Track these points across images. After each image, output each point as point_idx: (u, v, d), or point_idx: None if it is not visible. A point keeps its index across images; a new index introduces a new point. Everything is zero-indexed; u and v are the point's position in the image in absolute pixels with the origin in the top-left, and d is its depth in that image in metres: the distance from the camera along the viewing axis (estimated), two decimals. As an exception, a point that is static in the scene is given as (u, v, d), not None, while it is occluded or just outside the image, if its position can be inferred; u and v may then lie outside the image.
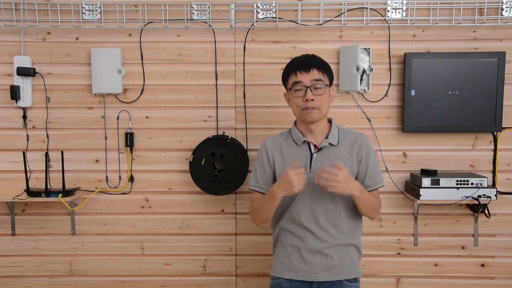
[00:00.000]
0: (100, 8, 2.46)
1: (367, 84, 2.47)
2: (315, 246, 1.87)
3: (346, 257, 1.90)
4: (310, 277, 1.88)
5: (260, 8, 2.47)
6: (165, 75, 2.53)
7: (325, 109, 1.87)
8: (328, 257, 1.87)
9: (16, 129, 2.55)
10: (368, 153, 1.90)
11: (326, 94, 1.86)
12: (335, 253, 1.88)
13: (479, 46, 2.49)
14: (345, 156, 1.88)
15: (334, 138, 1.89)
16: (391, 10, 2.46)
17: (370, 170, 1.90)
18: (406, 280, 2.60)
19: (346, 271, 1.89)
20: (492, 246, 2.58)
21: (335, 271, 1.88)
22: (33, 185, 2.56)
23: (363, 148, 1.89)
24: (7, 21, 2.49)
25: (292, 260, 1.90)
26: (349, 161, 1.87)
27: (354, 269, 1.92)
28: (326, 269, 1.87)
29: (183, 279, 2.62)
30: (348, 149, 1.89)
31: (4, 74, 2.52)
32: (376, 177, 1.91)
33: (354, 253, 1.93)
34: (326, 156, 1.87)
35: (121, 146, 2.56)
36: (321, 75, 1.86)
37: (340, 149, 1.89)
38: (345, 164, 1.81)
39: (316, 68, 1.85)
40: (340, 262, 1.88)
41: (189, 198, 2.58)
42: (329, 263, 1.87)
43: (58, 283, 2.63)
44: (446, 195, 2.36)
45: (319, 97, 1.84)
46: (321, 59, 1.91)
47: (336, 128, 1.93)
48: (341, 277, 1.89)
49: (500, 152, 2.53)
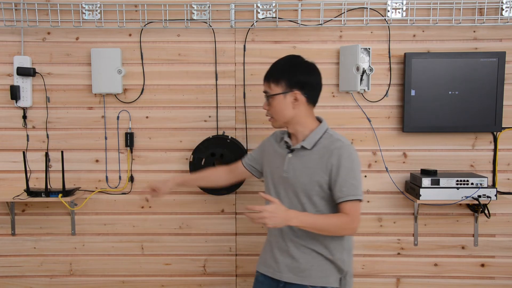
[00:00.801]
0: (100, 8, 2.46)
1: (367, 84, 2.47)
2: (282, 246, 1.89)
3: (317, 264, 1.87)
4: (277, 275, 1.91)
5: (260, 8, 2.47)
6: (165, 75, 2.53)
7: (279, 117, 1.88)
8: (294, 259, 1.87)
9: (16, 129, 2.55)
10: (340, 161, 1.79)
11: (275, 103, 1.86)
12: (301, 256, 1.87)
13: (479, 46, 2.49)
14: (315, 161, 1.84)
15: (310, 142, 1.86)
16: (391, 10, 2.46)
17: (340, 180, 1.79)
18: (406, 280, 2.60)
19: (313, 278, 1.86)
20: (492, 246, 2.58)
21: (301, 275, 1.86)
22: (33, 185, 2.56)
23: (333, 155, 1.80)
24: (7, 21, 2.49)
25: (266, 255, 1.97)
26: (318, 166, 1.83)
27: (324, 278, 1.87)
28: (291, 270, 1.88)
29: (183, 279, 2.62)
30: (320, 155, 1.84)
31: (4, 74, 2.52)
32: (347, 188, 1.78)
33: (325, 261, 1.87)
34: (299, 158, 1.87)
35: (121, 146, 2.56)
36: (267, 86, 1.88)
37: (312, 154, 1.85)
38: (314, 169, 1.83)
39: (265, 80, 1.90)
40: (306, 267, 1.86)
41: (189, 198, 2.58)
42: (295, 266, 1.87)
43: (58, 283, 2.63)
44: (446, 195, 2.36)
45: (270, 108, 1.89)
46: (272, 68, 1.90)
47: (320, 132, 1.88)
48: (306, 282, 1.86)
49: (500, 152, 2.53)
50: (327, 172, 1.81)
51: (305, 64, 1.90)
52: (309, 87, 1.87)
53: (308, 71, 1.88)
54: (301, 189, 1.85)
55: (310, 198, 1.84)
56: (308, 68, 1.89)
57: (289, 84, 1.85)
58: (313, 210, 1.85)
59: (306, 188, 1.84)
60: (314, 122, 1.92)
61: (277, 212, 1.71)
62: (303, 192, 1.85)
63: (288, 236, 1.88)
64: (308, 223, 1.77)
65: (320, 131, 1.88)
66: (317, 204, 1.85)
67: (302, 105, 1.86)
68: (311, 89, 1.88)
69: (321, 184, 1.82)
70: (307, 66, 1.90)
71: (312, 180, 1.83)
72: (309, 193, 1.84)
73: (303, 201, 1.85)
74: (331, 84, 2.52)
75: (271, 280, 1.93)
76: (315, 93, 1.90)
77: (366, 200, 2.56)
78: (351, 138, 2.53)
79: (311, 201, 1.85)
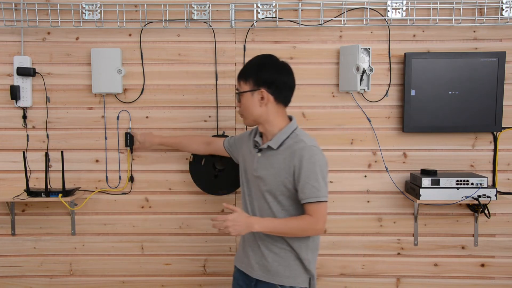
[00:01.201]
0: (100, 8, 2.46)
1: (367, 84, 2.47)
2: (253, 243, 1.93)
3: (285, 263, 1.89)
4: (248, 270, 1.95)
5: (260, 8, 2.47)
6: (165, 75, 2.53)
7: (248, 115, 1.91)
8: (263, 257, 1.90)
9: (16, 129, 2.55)
10: (301, 163, 1.80)
11: (244, 100, 1.89)
12: (270, 255, 1.89)
13: (479, 46, 2.49)
14: (280, 162, 1.86)
15: (276, 142, 1.88)
16: (391, 10, 2.46)
17: (302, 181, 1.80)
18: (406, 280, 2.60)
19: (280, 277, 1.88)
20: (492, 246, 2.58)
21: (270, 274, 1.89)
22: (33, 185, 2.56)
23: (295, 157, 1.81)
24: (7, 21, 2.49)
25: (240, 250, 2.04)
26: (282, 167, 1.85)
27: (291, 277, 1.88)
28: (261, 268, 1.91)
29: (183, 279, 2.62)
30: (285, 155, 1.85)
31: (4, 74, 2.52)
32: (309, 190, 1.79)
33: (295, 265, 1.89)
34: (266, 157, 1.90)
35: (121, 146, 2.56)
36: (238, 84, 1.93)
37: (278, 154, 1.87)
38: (278, 169, 1.85)
39: (238, 78, 1.93)
40: (274, 266, 1.88)
41: (189, 198, 2.58)
42: (264, 264, 1.90)
43: (58, 283, 2.63)
44: (446, 195, 2.36)
45: (240, 105, 1.93)
46: (243, 67, 1.95)
47: (288, 132, 1.89)
48: (275, 281, 1.88)
49: (500, 152, 2.53)
50: (290, 173, 1.83)
51: (275, 63, 1.90)
52: (276, 86, 1.87)
53: (277, 70, 1.88)
54: (267, 188, 1.87)
55: (275, 197, 1.87)
56: (277, 67, 1.89)
57: (256, 82, 1.87)
58: (279, 209, 1.87)
59: (271, 188, 1.87)
60: (284, 121, 1.92)
61: (239, 219, 1.78)
62: (269, 191, 1.87)
63: (258, 235, 1.91)
64: (270, 228, 1.82)
65: (287, 130, 1.89)
66: (283, 204, 1.87)
67: (270, 104, 1.88)
68: (279, 88, 1.88)
69: (285, 184, 1.85)
70: (277, 65, 1.90)
71: (277, 180, 1.85)
72: (274, 193, 1.87)
73: (269, 200, 1.88)
74: (331, 84, 2.52)
75: (245, 276, 1.97)
76: (283, 92, 1.90)
77: (366, 200, 2.56)
78: (351, 138, 2.53)
79: (277, 200, 1.87)
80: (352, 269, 2.60)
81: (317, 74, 2.52)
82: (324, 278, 2.61)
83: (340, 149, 2.54)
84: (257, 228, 1.80)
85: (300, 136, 1.88)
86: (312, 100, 2.52)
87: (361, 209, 2.57)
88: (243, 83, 1.89)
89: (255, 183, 1.93)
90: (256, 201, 1.94)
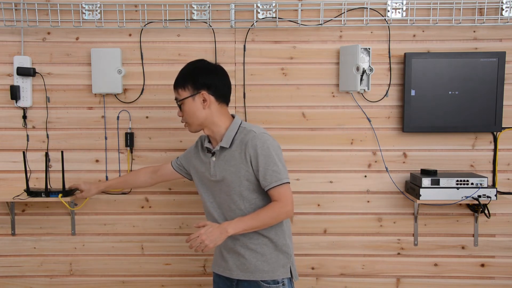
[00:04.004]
0: (100, 8, 2.46)
1: (367, 84, 2.47)
2: (228, 244, 1.92)
3: (262, 258, 1.90)
4: (226, 273, 1.96)
5: (260, 8, 2.47)
6: (165, 75, 2.53)
7: (194, 120, 1.92)
8: (240, 256, 1.91)
9: (16, 129, 2.55)
10: (256, 151, 1.83)
11: (187, 107, 1.90)
12: (247, 252, 1.90)
13: (479, 46, 2.49)
14: (237, 157, 1.88)
15: (227, 140, 1.90)
16: (391, 10, 2.46)
17: (261, 169, 1.83)
18: (406, 280, 2.60)
19: (259, 272, 1.89)
20: (492, 246, 2.58)
21: (249, 271, 1.90)
22: (33, 185, 2.56)
23: (249, 146, 1.85)
24: (7, 21, 2.49)
25: (216, 255, 2.04)
26: (239, 162, 1.87)
27: (271, 271, 1.90)
28: (239, 268, 1.92)
29: (183, 279, 2.62)
30: (239, 149, 1.88)
31: (4, 74, 2.52)
32: (270, 176, 1.83)
33: (271, 254, 1.91)
34: (222, 159, 1.91)
35: (121, 146, 2.56)
36: (176, 93, 1.93)
37: (232, 151, 1.89)
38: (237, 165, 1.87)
39: (174, 89, 1.94)
40: (253, 262, 1.90)
41: (189, 198, 2.58)
42: (242, 262, 1.91)
43: (58, 283, 2.63)
44: (446, 195, 2.36)
45: (184, 113, 1.93)
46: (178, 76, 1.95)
47: (235, 129, 1.91)
48: (256, 277, 1.89)
49: (500, 152, 2.53)
50: (248, 164, 1.86)
51: (208, 65, 1.95)
52: (215, 86, 1.92)
53: (212, 72, 1.94)
54: (231, 188, 1.88)
55: (241, 194, 1.88)
56: (211, 69, 1.94)
57: (195, 86, 1.90)
58: (247, 205, 1.89)
59: (235, 186, 1.88)
60: (228, 120, 1.95)
61: (211, 230, 1.77)
62: (233, 190, 1.88)
63: (232, 236, 1.87)
64: (243, 227, 1.81)
65: (234, 127, 1.92)
66: (249, 198, 1.89)
67: (212, 105, 1.91)
68: (217, 88, 1.92)
69: (247, 178, 1.87)
70: (211, 67, 1.95)
71: (238, 176, 1.87)
72: (239, 190, 1.88)
73: (235, 199, 1.89)
74: (331, 84, 2.52)
75: (225, 279, 1.99)
76: (223, 91, 1.94)
77: (366, 200, 2.56)
78: (351, 138, 2.53)
79: (243, 197, 1.88)
80: (352, 269, 2.60)
81: (317, 74, 2.52)
82: (324, 278, 2.61)
83: (340, 149, 2.54)
84: (231, 232, 1.78)
85: (248, 127, 1.91)
86: (312, 100, 2.52)
87: (361, 209, 2.57)
88: (182, 91, 1.91)
89: (216, 188, 1.94)
90: (222, 206, 1.93)
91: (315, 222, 2.57)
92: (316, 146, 2.54)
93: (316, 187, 2.54)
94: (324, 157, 2.54)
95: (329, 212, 2.57)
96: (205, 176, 1.98)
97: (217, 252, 2.04)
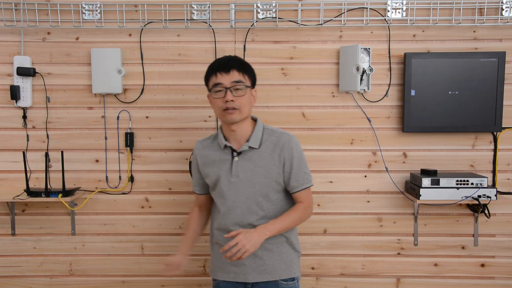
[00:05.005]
0: (100, 8, 2.46)
1: (367, 84, 2.48)
2: None
3: (279, 257, 1.90)
4: (240, 278, 1.91)
5: (260, 8, 2.47)
6: (165, 75, 2.53)
7: (246, 110, 1.87)
8: (257, 257, 1.88)
9: (16, 129, 2.55)
10: (292, 153, 1.86)
11: (247, 95, 1.86)
12: (265, 253, 1.88)
13: (479, 46, 2.49)
14: (266, 158, 1.87)
15: (256, 140, 1.88)
16: (391, 10, 2.46)
17: (294, 171, 1.87)
18: (406, 280, 2.60)
19: (278, 271, 1.90)
20: (492, 246, 2.58)
21: (267, 272, 1.89)
22: (33, 185, 2.56)
23: (285, 149, 1.86)
24: (7, 21, 2.49)
25: (223, 262, 1.91)
26: (271, 163, 1.86)
27: (288, 269, 1.92)
28: (256, 270, 1.89)
29: (183, 279, 2.62)
30: (269, 151, 1.87)
31: (4, 74, 2.52)
32: (302, 178, 1.88)
33: (287, 252, 1.93)
34: (247, 159, 1.88)
35: (121, 146, 2.56)
36: (241, 76, 1.86)
37: (261, 152, 1.88)
38: (267, 166, 1.86)
39: (236, 70, 1.86)
40: (271, 263, 1.89)
41: (189, 198, 2.58)
42: (259, 264, 1.89)
43: (58, 283, 2.63)
44: (446, 195, 2.36)
45: (239, 98, 1.84)
46: (242, 61, 1.92)
47: (261, 129, 1.91)
48: (275, 277, 1.89)
49: (500, 152, 2.53)
50: (280, 166, 1.86)
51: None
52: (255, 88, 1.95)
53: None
54: (256, 188, 1.86)
55: (266, 195, 1.87)
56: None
57: (252, 80, 1.91)
58: (269, 205, 1.88)
59: (261, 187, 1.86)
60: (252, 121, 1.95)
61: (249, 235, 1.74)
62: (259, 191, 1.87)
63: None
64: (278, 229, 1.82)
65: (259, 128, 1.91)
66: (273, 199, 1.88)
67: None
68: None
69: (276, 179, 1.87)
70: None
71: (268, 177, 1.86)
72: (265, 191, 1.87)
73: (259, 200, 1.87)
74: (331, 84, 2.52)
75: (237, 284, 1.93)
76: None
77: (366, 200, 2.56)
78: (351, 138, 2.53)
79: (268, 198, 1.88)
80: (352, 269, 2.60)
81: (317, 74, 2.52)
82: (324, 278, 2.61)
83: (340, 149, 2.54)
84: (269, 234, 1.78)
85: (276, 130, 1.93)
86: (312, 100, 2.52)
87: (361, 209, 2.57)
88: (247, 77, 1.89)
89: (235, 189, 1.88)
90: (241, 206, 1.87)
91: (315, 222, 2.56)
92: (316, 146, 2.54)
93: (316, 187, 2.54)
94: (324, 157, 2.54)
95: (329, 212, 2.58)
96: (223, 178, 1.90)
97: (223, 259, 1.86)
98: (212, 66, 1.91)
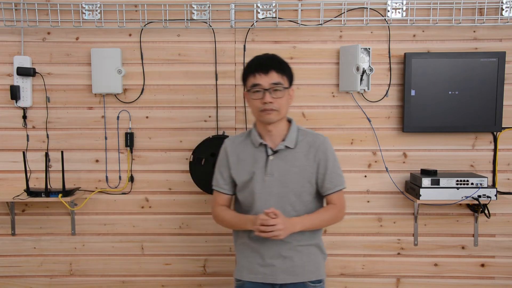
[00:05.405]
0: (100, 8, 2.46)
1: (367, 84, 2.48)
2: (274, 249, 1.85)
3: (308, 259, 1.89)
4: (269, 279, 1.88)
5: (260, 8, 2.47)
6: (165, 75, 2.53)
7: (284, 110, 1.86)
8: (287, 258, 1.86)
9: (16, 129, 2.55)
10: (327, 155, 1.87)
11: (285, 96, 1.84)
12: (295, 254, 1.87)
13: (479, 46, 2.49)
14: (302, 159, 1.86)
15: (292, 140, 1.87)
16: (391, 10, 2.46)
17: (329, 172, 1.86)
18: (406, 280, 2.60)
19: (307, 273, 1.89)
20: (492, 246, 2.58)
21: (296, 273, 1.87)
22: (33, 185, 2.56)
23: (320, 150, 1.87)
24: (7, 21, 2.49)
25: (251, 262, 1.90)
26: (306, 163, 1.86)
27: (317, 271, 1.91)
28: (286, 271, 1.87)
29: (183, 279, 2.62)
30: (305, 152, 1.87)
31: (4, 74, 2.52)
32: (336, 179, 1.88)
33: (316, 254, 1.93)
34: (282, 158, 1.87)
35: (121, 146, 2.56)
36: (280, 77, 1.82)
37: (297, 152, 1.87)
38: (302, 166, 1.85)
39: (275, 71, 1.82)
40: (301, 264, 1.88)
41: (189, 198, 2.58)
42: (289, 265, 1.87)
43: (58, 283, 2.63)
44: (446, 195, 2.36)
45: (278, 100, 1.81)
46: (281, 60, 1.88)
47: (295, 130, 1.90)
48: (303, 279, 1.88)
49: (500, 152, 2.53)
50: (315, 166, 1.86)
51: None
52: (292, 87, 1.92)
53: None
54: (290, 188, 1.85)
55: (299, 196, 1.86)
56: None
57: (290, 80, 1.88)
58: (301, 206, 1.87)
59: (296, 187, 1.85)
60: (286, 121, 1.93)
61: (286, 221, 1.75)
62: (293, 191, 1.85)
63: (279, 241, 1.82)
64: (308, 225, 1.83)
65: (294, 128, 1.91)
66: (305, 200, 1.87)
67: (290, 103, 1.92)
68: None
69: (310, 180, 1.86)
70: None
71: (302, 177, 1.85)
72: (299, 191, 1.86)
73: (292, 200, 1.86)
74: (331, 84, 2.52)
75: (263, 285, 1.90)
76: None
77: (366, 200, 2.56)
78: (351, 138, 2.53)
79: (300, 198, 1.86)
80: (352, 269, 2.60)
81: (317, 74, 2.52)
82: (324, 278, 2.61)
83: (340, 149, 2.54)
84: (299, 228, 1.79)
85: (308, 130, 1.93)
86: (312, 100, 2.52)
87: (361, 209, 2.57)
88: (286, 79, 1.86)
89: (268, 188, 1.85)
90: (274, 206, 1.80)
91: (315, 222, 2.56)
92: (316, 146, 2.54)
93: (316, 187, 2.54)
94: (324, 157, 2.54)
95: (329, 212, 2.57)
96: (257, 176, 1.86)
97: (254, 259, 1.88)
98: (251, 65, 1.87)
